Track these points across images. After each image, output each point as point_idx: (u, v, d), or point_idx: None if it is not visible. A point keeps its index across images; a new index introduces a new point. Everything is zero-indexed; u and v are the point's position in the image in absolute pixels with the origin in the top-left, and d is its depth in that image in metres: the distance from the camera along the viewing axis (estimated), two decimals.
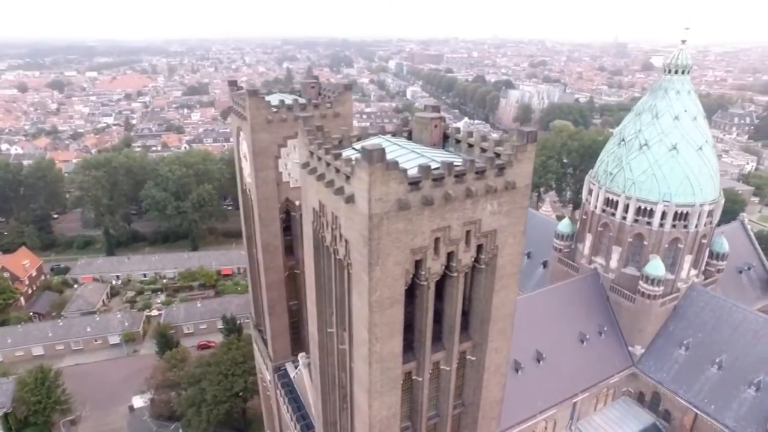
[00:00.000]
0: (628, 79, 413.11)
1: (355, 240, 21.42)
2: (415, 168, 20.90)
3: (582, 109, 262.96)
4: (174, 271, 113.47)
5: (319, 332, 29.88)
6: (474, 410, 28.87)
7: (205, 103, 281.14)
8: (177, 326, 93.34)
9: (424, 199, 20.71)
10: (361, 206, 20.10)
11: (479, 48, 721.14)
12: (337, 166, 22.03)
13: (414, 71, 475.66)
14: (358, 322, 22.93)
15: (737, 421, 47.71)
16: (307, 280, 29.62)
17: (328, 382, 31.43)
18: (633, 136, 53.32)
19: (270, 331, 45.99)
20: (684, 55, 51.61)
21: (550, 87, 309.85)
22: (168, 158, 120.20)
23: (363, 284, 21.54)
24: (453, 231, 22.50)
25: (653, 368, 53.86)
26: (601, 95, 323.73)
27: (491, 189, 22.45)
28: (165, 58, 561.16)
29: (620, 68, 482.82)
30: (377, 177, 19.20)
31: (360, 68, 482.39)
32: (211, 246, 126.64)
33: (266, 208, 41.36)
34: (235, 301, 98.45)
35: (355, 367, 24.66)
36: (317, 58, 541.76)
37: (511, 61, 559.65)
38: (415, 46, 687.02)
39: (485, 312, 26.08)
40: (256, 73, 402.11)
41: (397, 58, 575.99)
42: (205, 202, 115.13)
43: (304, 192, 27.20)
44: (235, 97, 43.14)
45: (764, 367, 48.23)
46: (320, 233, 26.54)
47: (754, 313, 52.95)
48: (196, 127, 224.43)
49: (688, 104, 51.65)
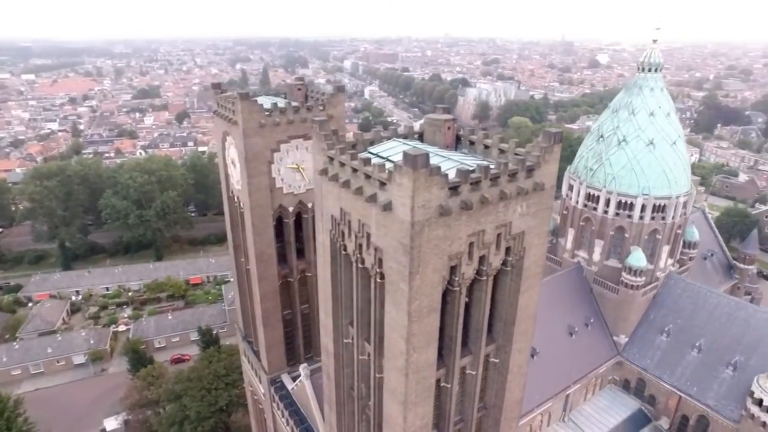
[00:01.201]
0: (577, 76, 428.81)
1: (392, 249, 20.70)
2: (453, 171, 20.43)
3: (538, 106, 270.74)
4: (139, 283, 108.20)
5: (334, 343, 28.92)
6: (496, 412, 28.74)
7: (158, 107, 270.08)
8: (147, 341, 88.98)
9: (463, 203, 20.27)
10: (402, 214, 19.41)
11: (432, 47, 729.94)
12: (368, 172, 21.22)
13: (370, 71, 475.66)
14: (393, 332, 22.22)
15: (718, 401, 50.29)
16: (321, 290, 28.57)
17: (343, 393, 30.53)
18: (611, 133, 55.02)
19: (264, 342, 44.32)
20: (656, 53, 53.74)
21: (506, 85, 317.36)
22: (127, 165, 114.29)
23: (401, 294, 20.86)
24: (486, 235, 22.19)
25: (637, 356, 55.89)
26: (554, 92, 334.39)
27: (522, 191, 22.27)
28: (110, 59, 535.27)
29: (569, 65, 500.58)
30: (421, 183, 18.58)
31: (315, 69, 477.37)
32: (177, 255, 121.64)
33: (259, 216, 39.76)
34: (208, 311, 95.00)
35: (387, 378, 23.93)
36: (271, 59, 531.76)
37: (464, 59, 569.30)
38: (369, 46, 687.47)
39: (510, 314, 25.97)
40: (209, 75, 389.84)
41: (352, 58, 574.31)
42: (169, 209, 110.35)
43: (319, 199, 26.18)
44: (221, 101, 41.25)
45: (739, 348, 51.04)
46: (339, 242, 25.64)
47: (727, 297, 55.98)
48: (151, 132, 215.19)
49: (661, 101, 53.82)
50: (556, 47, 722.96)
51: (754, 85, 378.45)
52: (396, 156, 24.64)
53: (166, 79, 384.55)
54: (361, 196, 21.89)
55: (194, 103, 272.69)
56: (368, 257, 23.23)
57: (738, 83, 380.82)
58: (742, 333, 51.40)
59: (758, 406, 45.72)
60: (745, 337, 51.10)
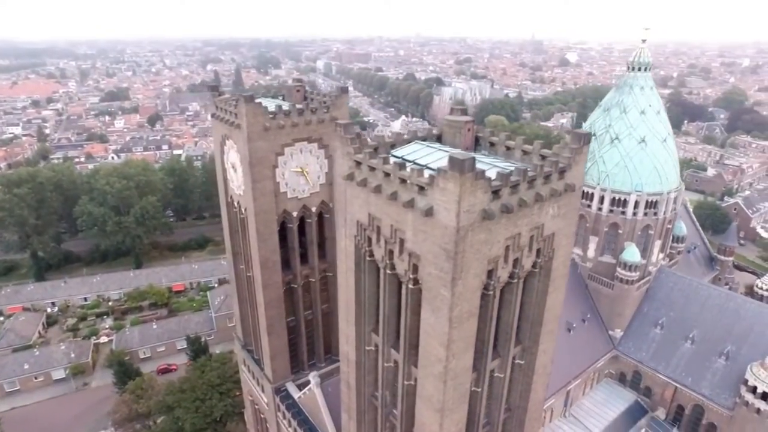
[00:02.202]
0: (549, 75, 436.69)
1: (432, 255, 20.31)
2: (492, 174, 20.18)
3: (513, 104, 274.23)
4: (119, 291, 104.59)
5: (356, 351, 28.35)
6: (521, 413, 28.70)
7: (128, 110, 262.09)
8: (132, 351, 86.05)
9: (504, 207, 20.06)
10: (445, 219, 19.04)
11: (404, 46, 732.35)
12: (403, 176, 20.78)
13: (344, 71, 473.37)
14: (431, 339, 21.84)
15: (712, 389, 51.74)
16: (343, 298, 27.93)
17: (364, 402, 29.98)
18: (604, 131, 55.93)
19: (269, 351, 43.30)
20: (645, 53, 54.84)
21: (481, 83, 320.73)
22: (104, 170, 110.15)
23: (441, 300, 20.50)
24: (522, 237, 22.06)
25: (633, 349, 57.04)
26: (527, 90, 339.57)
27: (556, 192, 22.23)
28: (73, 60, 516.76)
29: (540, 64, 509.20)
30: (467, 188, 18.26)
31: (288, 69, 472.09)
32: (157, 262, 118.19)
33: (264, 222, 38.79)
34: (194, 319, 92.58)
35: (421, 386, 23.52)
36: (242, 60, 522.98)
37: (437, 58, 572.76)
38: (341, 46, 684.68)
39: (538, 315, 25.97)
40: (180, 77, 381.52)
41: (325, 58, 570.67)
42: (149, 215, 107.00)
43: (342, 204, 25.55)
44: (219, 103, 40.12)
45: (730, 337, 52.63)
46: (364, 248, 25.10)
47: (717, 289, 57.72)
48: (122, 135, 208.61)
49: (651, 99, 55.01)
50: (526, 46, 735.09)
51: (714, 83, 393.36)
52: (423, 159, 24.31)
53: (134, 81, 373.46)
54: (395, 202, 21.44)
55: (166, 105, 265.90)
56: (400, 263, 22.80)
57: (699, 81, 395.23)
58: (733, 323, 53.00)
59: (752, 393, 47.20)
60: (735, 327, 52.70)
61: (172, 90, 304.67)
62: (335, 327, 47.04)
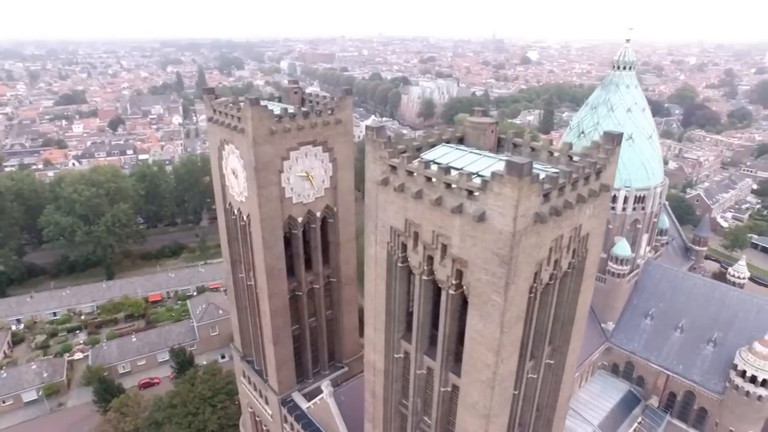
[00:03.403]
0: (511, 73, 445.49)
1: (482, 260, 19.97)
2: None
3: (480, 102, 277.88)
4: (92, 304, 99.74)
5: (385, 359, 27.76)
6: (549, 412, 28.84)
7: (86, 113, 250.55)
8: (110, 367, 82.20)
9: (552, 209, 19.94)
10: (500, 224, 18.74)
11: (368, 46, 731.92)
12: (449, 181, 20.36)
13: (308, 71, 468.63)
14: (478, 345, 21.50)
15: (702, 376, 53.66)
16: (370, 306, 27.25)
17: (390, 410, 29.44)
18: (592, 128, 57.06)
19: (274, 361, 42.02)
20: (629, 52, 56.25)
21: (448, 82, 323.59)
22: (70, 178, 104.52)
23: (492, 305, 20.20)
24: (563, 239, 22.04)
25: (625, 340, 58.54)
26: (492, 88, 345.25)
27: (594, 193, 22.32)
28: (20, 62, 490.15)
29: (502, 62, 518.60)
30: (524, 192, 18.02)
31: (252, 70, 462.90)
32: (130, 271, 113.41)
33: (270, 229, 37.58)
34: (176, 329, 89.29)
35: (465, 392, 23.15)
36: (204, 61, 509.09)
37: (401, 58, 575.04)
38: (304, 46, 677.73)
39: (569, 314, 26.09)
40: (139, 79, 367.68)
41: (289, 59, 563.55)
42: (121, 223, 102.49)
43: (373, 211, 24.90)
44: (217, 106, 38.62)
45: (717, 325, 54.70)
46: (397, 255, 24.56)
47: (702, 279, 59.93)
48: (82, 141, 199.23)
49: (636, 97, 56.54)
50: (488, 45, 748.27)
51: (667, 79, 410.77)
52: (457, 162, 23.92)
53: (90, 83, 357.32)
54: (439, 207, 21.01)
55: (127, 108, 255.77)
56: (442, 269, 22.37)
57: (654, 78, 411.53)
58: (718, 311, 55.12)
59: (741, 378, 49.23)
60: (721, 314, 54.82)
61: (133, 92, 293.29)
62: (339, 333, 46.43)
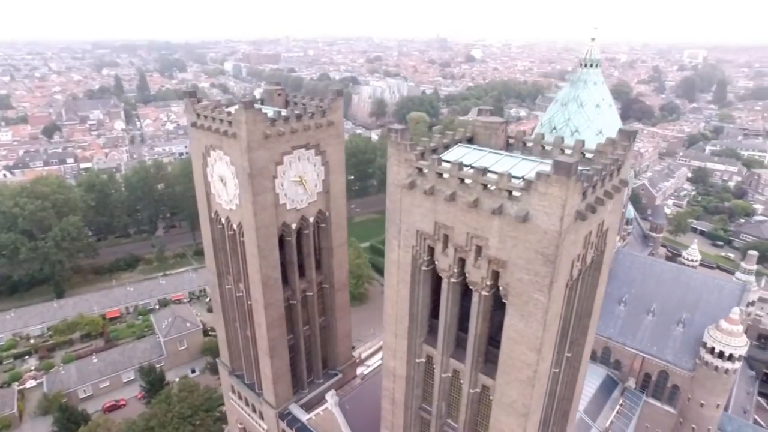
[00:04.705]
0: (457, 71, 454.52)
1: (523, 260, 19.98)
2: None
3: (431, 100, 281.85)
4: (41, 326, 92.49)
5: (407, 365, 27.34)
6: (566, 405, 29.45)
7: (14, 120, 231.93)
8: (70, 392, 76.62)
9: (589, 206, 20.26)
10: (545, 223, 18.80)
11: (312, 46, 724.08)
12: (486, 182, 20.22)
13: (254, 72, 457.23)
14: (518, 345, 21.51)
15: (674, 355, 56.81)
16: (391, 312, 26.73)
17: (410, 417, 29.06)
18: (563, 124, 58.98)
19: (271, 374, 40.52)
20: (595, 51, 58.59)
21: (398, 81, 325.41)
22: (9, 190, 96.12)
23: (535, 305, 20.26)
24: (592, 234, 22.47)
25: (601, 327, 60.78)
26: (440, 86, 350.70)
27: (616, 189, 22.90)
28: None
29: (447, 61, 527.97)
30: (571, 191, 18.16)
31: (196, 72, 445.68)
32: (82, 287, 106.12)
33: (265, 237, 36.15)
34: (140, 346, 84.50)
35: (502, 392, 23.12)
36: (142, 63, 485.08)
37: (347, 57, 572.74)
38: (247, 47, 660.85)
39: (587, 308, 26.73)
40: (72, 82, 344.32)
41: (232, 60, 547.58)
42: (71, 237, 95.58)
43: (396, 214, 24.39)
44: (201, 110, 36.73)
45: (685, 306, 58.15)
46: (422, 258, 24.21)
47: (668, 264, 63.48)
48: (13, 149, 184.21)
49: (603, 93, 58.95)
50: (432, 44, 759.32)
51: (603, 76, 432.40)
52: (479, 163, 23.81)
53: (15, 87, 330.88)
54: (475, 209, 20.83)
55: (62, 114, 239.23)
56: (476, 271, 22.22)
57: None
58: (684, 294, 58.59)
59: (711, 354, 52.54)
60: (687, 297, 58.29)
61: (67, 97, 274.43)
62: (333, 340, 45.49)
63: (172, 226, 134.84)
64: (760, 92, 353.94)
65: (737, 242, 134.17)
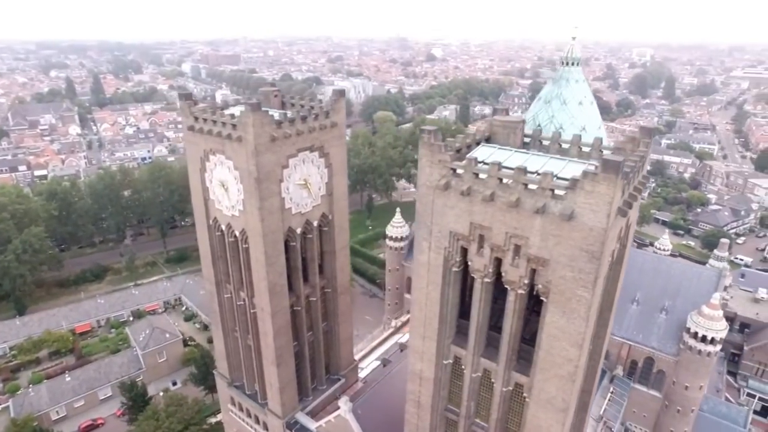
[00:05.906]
0: (419, 70, 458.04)
1: (566, 257, 20.17)
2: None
3: (396, 99, 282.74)
4: (2, 346, 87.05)
5: (435, 367, 27.19)
6: (586, 397, 29.97)
7: None
8: (41, 414, 72.35)
9: (626, 203, 20.69)
10: (591, 221, 19.04)
11: (272, 46, 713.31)
12: (527, 181, 20.31)
13: (214, 74, 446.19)
14: (559, 341, 21.73)
15: (659, 342, 59.14)
16: (418, 315, 26.46)
17: (436, 419, 28.94)
18: (548, 121, 59.69)
19: (277, 383, 39.48)
20: (575, 49, 59.98)
21: (363, 81, 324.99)
22: None
23: (578, 301, 20.50)
24: (622, 230, 22.96)
25: None
26: (404, 85, 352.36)
27: (642, 184, 23.50)
28: None
29: (409, 60, 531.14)
30: (618, 189, 18.47)
31: (152, 74, 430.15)
32: (46, 302, 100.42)
33: (272, 243, 35.18)
34: (117, 360, 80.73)
35: (540, 389, 23.28)
36: (94, 65, 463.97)
37: (308, 57, 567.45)
38: (205, 47, 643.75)
39: (609, 302, 27.35)
40: (17, 85, 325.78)
41: (190, 61, 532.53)
42: (33, 249, 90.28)
43: (428, 216, 24.14)
44: (198, 113, 35.34)
45: (667, 294, 60.62)
46: (454, 260, 24.12)
47: (650, 254, 65.96)
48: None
49: (585, 91, 60.20)
50: (392, 43, 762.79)
51: None
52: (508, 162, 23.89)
53: None
54: (515, 209, 20.89)
55: (9, 118, 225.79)
56: (514, 270, 22.29)
57: (550, 72, 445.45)
58: (666, 282, 61.10)
59: (694, 338, 54.97)
60: (669, 285, 60.81)
61: (13, 100, 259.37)
62: (336, 345, 44.88)
63: (140, 234, 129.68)
64: (704, 89, 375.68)
65: (696, 231, 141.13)
